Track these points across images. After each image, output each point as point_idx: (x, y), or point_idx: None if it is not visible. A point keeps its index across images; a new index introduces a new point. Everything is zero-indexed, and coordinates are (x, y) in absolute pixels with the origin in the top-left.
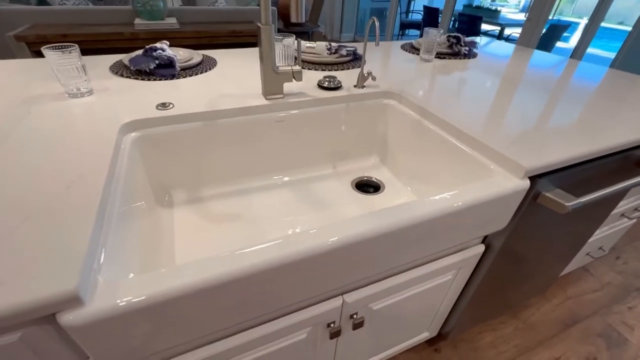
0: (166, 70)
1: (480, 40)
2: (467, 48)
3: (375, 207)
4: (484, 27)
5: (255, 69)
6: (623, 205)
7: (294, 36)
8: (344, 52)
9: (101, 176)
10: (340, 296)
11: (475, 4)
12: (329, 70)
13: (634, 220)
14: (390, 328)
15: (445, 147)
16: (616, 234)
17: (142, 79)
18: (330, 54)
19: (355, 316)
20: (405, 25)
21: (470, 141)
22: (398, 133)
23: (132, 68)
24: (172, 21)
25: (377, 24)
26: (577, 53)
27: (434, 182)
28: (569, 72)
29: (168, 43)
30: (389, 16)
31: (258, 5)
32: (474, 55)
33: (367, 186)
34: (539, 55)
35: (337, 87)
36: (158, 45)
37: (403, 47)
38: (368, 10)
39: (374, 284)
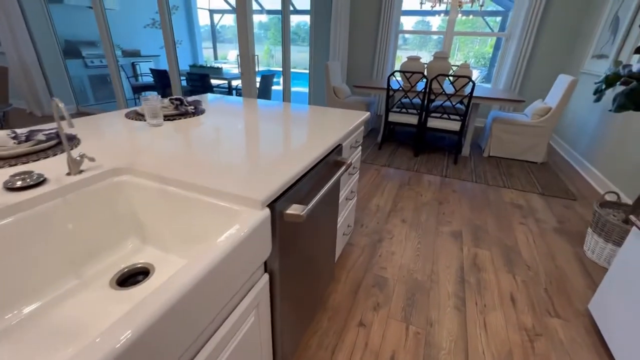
0: None
1: (208, 97)
2: (192, 107)
3: None
4: (214, 82)
5: None
6: (343, 193)
7: None
8: (41, 136)
9: None
10: None
11: (200, 63)
12: (23, 163)
13: (355, 199)
14: None
15: (195, 204)
16: (352, 212)
17: None
18: (19, 142)
19: None
20: (138, 89)
21: (212, 192)
22: (146, 206)
23: None
24: None
25: (60, 105)
26: (286, 92)
27: (202, 239)
28: (280, 114)
29: None
30: (114, 82)
31: None
32: (202, 112)
33: (134, 276)
34: (260, 102)
35: (38, 183)
36: None
37: (128, 115)
38: (85, 77)
39: (196, 357)
